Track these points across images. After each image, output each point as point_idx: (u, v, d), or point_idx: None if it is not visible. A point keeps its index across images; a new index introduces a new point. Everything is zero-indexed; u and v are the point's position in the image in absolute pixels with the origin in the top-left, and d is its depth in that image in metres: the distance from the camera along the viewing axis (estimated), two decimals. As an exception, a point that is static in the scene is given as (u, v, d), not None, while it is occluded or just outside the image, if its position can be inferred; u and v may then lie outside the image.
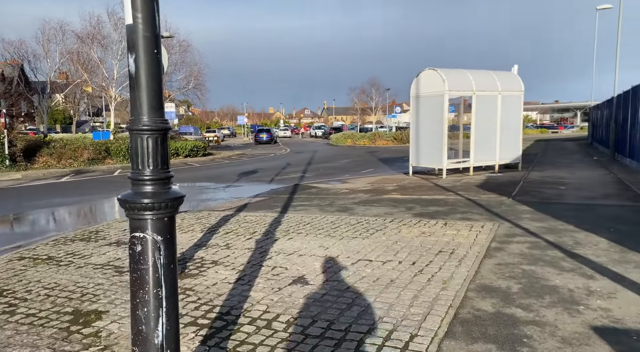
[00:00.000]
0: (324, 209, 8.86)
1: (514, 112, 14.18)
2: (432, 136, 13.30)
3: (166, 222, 2.27)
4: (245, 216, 8.54)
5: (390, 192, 10.65)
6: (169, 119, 18.21)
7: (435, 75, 13.07)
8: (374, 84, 52.65)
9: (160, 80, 2.28)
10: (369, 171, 17.36)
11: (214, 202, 11.10)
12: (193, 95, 28.15)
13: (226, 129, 66.58)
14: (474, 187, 11.03)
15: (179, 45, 26.05)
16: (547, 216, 7.32)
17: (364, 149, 33.73)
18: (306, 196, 10.89)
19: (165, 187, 2.29)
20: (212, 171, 18.98)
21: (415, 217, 7.66)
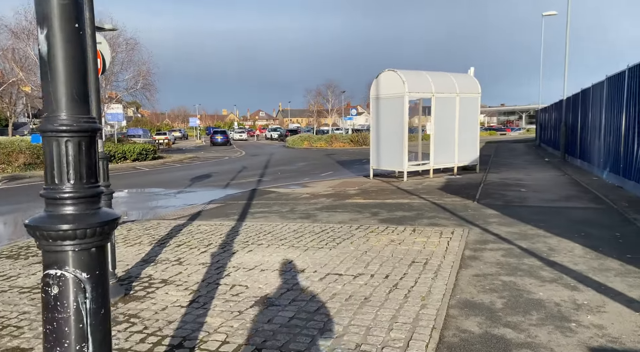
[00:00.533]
0: (285, 216, 8.34)
1: (471, 114, 14.24)
2: (393, 138, 13.09)
3: (94, 254, 1.69)
4: (199, 225, 7.88)
5: (353, 197, 10.28)
6: (116, 122, 16.99)
7: (395, 76, 12.88)
8: (330, 86, 52.65)
9: (85, 65, 1.70)
10: (328, 174, 16.98)
11: (164, 210, 10.31)
12: (142, 96, 26.77)
13: (177, 132, 64.45)
14: (437, 190, 10.86)
15: (125, 43, 24.67)
16: (514, 220, 7.16)
17: (321, 152, 33.41)
18: (265, 201, 10.32)
19: (92, 207, 1.71)
20: (163, 176, 17.96)
21: (383, 223, 7.29)
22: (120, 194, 12.87)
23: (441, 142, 13.49)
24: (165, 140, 45.45)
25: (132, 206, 11.01)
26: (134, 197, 12.61)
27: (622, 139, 10.00)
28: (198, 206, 10.40)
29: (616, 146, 10.57)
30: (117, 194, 12.72)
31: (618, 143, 10.38)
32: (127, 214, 9.82)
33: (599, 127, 12.60)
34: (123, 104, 66.98)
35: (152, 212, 10.04)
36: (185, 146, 46.94)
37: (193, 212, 9.41)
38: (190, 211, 9.63)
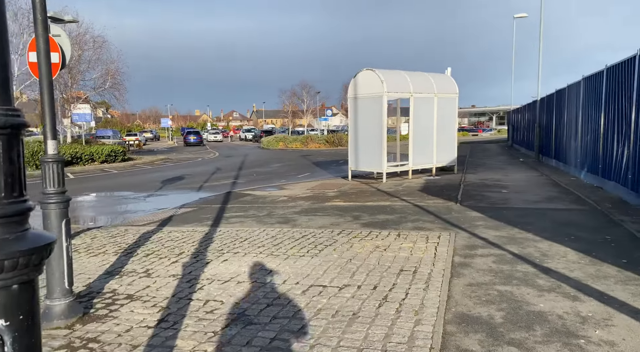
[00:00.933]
0: (263, 221, 7.92)
1: (449, 115, 14.11)
2: (371, 139, 12.81)
3: (16, 293, 1.26)
4: (169, 231, 7.38)
5: (332, 199, 9.93)
6: (84, 122, 16.08)
7: (373, 76, 12.61)
8: (305, 86, 52.22)
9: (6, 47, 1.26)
10: (305, 176, 16.59)
11: (132, 215, 9.72)
12: (110, 95, 25.72)
13: (149, 132, 62.92)
14: (417, 191, 10.62)
15: (92, 41, 23.66)
16: (500, 222, 6.94)
17: (296, 153, 32.99)
18: (241, 205, 9.86)
19: (14, 229, 1.27)
20: (132, 178, 17.21)
21: (365, 227, 6.96)
22: (86, 198, 12.17)
23: (420, 143, 13.30)
24: (136, 142, 44.19)
25: (99, 211, 10.36)
26: (100, 201, 11.92)
27: (600, 140, 9.99)
28: (169, 210, 9.85)
29: (594, 146, 10.56)
30: (83, 198, 12.01)
31: (596, 143, 10.37)
32: (93, 220, 9.20)
33: (576, 127, 12.64)
34: (92, 104, 65.05)
35: (120, 217, 9.44)
36: (156, 147, 45.74)
37: (164, 218, 8.87)
38: (160, 216, 9.09)
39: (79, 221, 9.10)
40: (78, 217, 9.67)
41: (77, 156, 20.70)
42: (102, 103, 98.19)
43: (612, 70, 9.30)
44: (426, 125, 13.44)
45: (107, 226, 8.32)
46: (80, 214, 10.09)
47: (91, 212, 10.35)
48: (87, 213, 10.21)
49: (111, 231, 7.59)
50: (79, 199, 11.92)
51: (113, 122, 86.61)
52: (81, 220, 9.26)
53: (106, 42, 23.80)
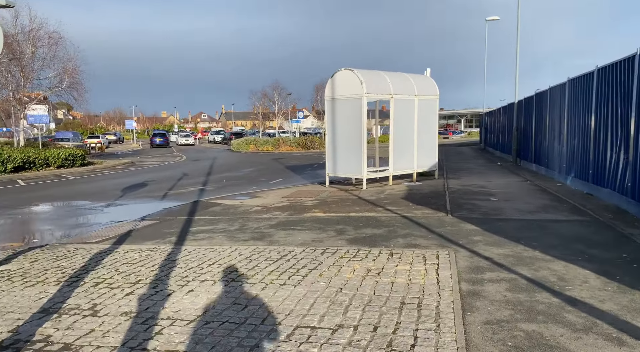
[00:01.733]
0: (234, 237, 7.01)
1: (430, 117, 13.54)
2: (350, 143, 12.07)
3: None
4: (126, 251, 6.38)
5: (311, 210, 9.10)
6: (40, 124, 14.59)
7: (352, 76, 11.87)
8: (277, 87, 51.23)
9: None
10: (279, 182, 15.70)
11: (86, 229, 8.62)
12: (68, 95, 24.03)
13: (112, 135, 60.34)
14: (401, 200, 9.93)
15: (47, 36, 22.01)
16: (501, 237, 6.28)
17: (268, 156, 32.01)
18: (209, 217, 8.91)
19: None
20: (90, 185, 15.89)
21: (352, 245, 6.17)
22: (34, 209, 10.90)
23: (400, 147, 12.65)
24: (98, 144, 42.13)
25: (46, 225, 9.18)
26: (50, 212, 10.70)
27: (591, 144, 9.56)
28: (128, 223, 8.80)
29: (583, 151, 10.15)
30: (30, 209, 10.75)
31: (586, 148, 9.95)
32: (38, 237, 8.04)
33: (560, 130, 12.27)
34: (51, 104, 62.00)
35: (70, 232, 8.33)
36: (120, 150, 43.76)
37: (121, 233, 7.84)
38: (117, 231, 8.04)
39: (18, 239, 7.93)
40: (20, 233, 8.48)
41: (30, 161, 19.12)
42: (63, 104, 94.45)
43: (604, 70, 8.87)
44: (407, 129, 12.81)
45: (54, 244, 7.23)
46: (23, 229, 8.90)
47: (37, 226, 9.17)
48: (32, 228, 9.02)
49: (57, 251, 6.52)
50: (25, 210, 10.66)
51: (75, 124, 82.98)
52: (24, 237, 8.09)
53: (62, 38, 22.21)
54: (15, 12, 20.84)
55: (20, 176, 17.79)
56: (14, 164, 18.19)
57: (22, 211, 10.56)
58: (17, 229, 8.85)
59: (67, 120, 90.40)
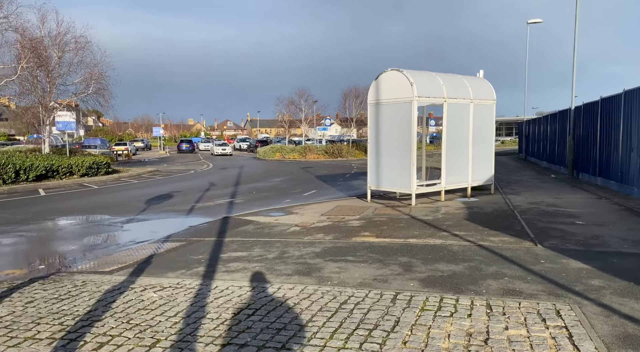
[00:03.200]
0: (274, 269, 5.71)
1: (486, 124, 12.03)
2: (397, 153, 10.68)
3: None
4: (144, 288, 5.15)
5: (359, 232, 7.73)
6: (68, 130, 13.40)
7: (400, 77, 10.50)
8: (303, 94, 50.18)
9: None
10: (312, 194, 14.40)
11: (101, 251, 7.47)
12: (94, 101, 23.38)
13: (140, 142, 60.47)
14: (465, 221, 8.46)
15: (74, 41, 21.43)
16: (630, 283, 4.77)
17: (296, 164, 30.82)
18: (242, 239, 7.64)
19: None
20: (113, 196, 14.92)
21: (429, 288, 4.77)
22: (49, 224, 9.87)
23: (453, 157, 11.18)
24: (125, 151, 41.78)
25: (57, 247, 8.08)
26: (65, 229, 9.64)
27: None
28: (150, 245, 7.62)
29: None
30: (43, 224, 9.71)
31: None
32: (44, 262, 6.91)
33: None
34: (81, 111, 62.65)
35: (83, 256, 7.18)
36: (147, 157, 43.37)
37: (140, 259, 6.65)
38: (136, 256, 6.86)
39: (23, 264, 6.81)
40: (27, 256, 7.37)
41: (53, 169, 18.37)
42: (93, 111, 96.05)
43: None
44: (461, 137, 11.34)
45: (61, 273, 6.07)
46: (31, 251, 7.80)
47: (47, 247, 8.07)
48: (41, 250, 7.92)
49: (61, 286, 5.34)
50: (39, 226, 9.63)
51: (104, 130, 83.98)
52: (27, 262, 6.97)
53: (89, 42, 21.58)
54: (42, 16, 20.35)
55: (42, 185, 17.01)
56: (37, 173, 17.45)
57: (35, 226, 9.54)
58: (25, 250, 7.77)
59: (97, 127, 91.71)
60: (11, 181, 16.53)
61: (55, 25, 20.73)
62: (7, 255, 7.40)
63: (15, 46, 19.18)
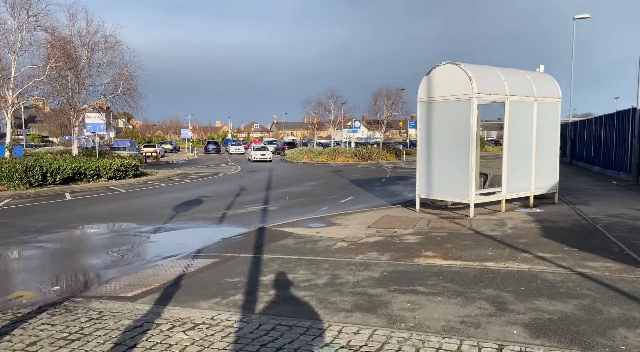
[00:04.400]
0: (328, 301, 4.64)
1: (550, 125, 10.70)
2: (452, 157, 9.49)
3: None
4: (171, 325, 4.16)
5: (420, 251, 6.58)
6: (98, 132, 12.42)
7: (457, 72, 9.31)
8: (332, 96, 49.13)
9: None
10: (350, 201, 13.31)
11: (124, 268, 6.57)
12: (123, 102, 22.91)
13: (168, 144, 60.58)
14: (542, 238, 7.20)
15: (104, 40, 20.99)
16: None
17: (325, 167, 29.80)
18: (282, 256, 6.61)
19: None
20: (141, 200, 14.18)
21: (542, 339, 3.61)
22: (70, 234, 9.07)
23: (515, 162, 9.90)
24: (154, 153, 41.58)
25: (76, 263, 7.22)
26: (87, 240, 8.83)
27: None
28: (179, 261, 6.69)
29: None
30: (64, 234, 8.90)
31: None
32: (59, 283, 6.01)
33: None
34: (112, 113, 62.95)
35: (103, 275, 6.28)
36: (175, 159, 43.13)
37: (168, 280, 5.69)
38: (163, 275, 5.92)
39: (35, 285, 5.93)
40: (40, 275, 6.49)
41: (81, 172, 17.84)
42: (124, 113, 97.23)
43: None
44: (523, 139, 10.06)
45: (76, 299, 5.15)
46: (46, 267, 6.95)
47: (64, 263, 7.22)
48: (57, 266, 7.07)
49: (74, 319, 4.41)
50: (60, 236, 8.84)
51: (134, 132, 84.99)
52: (40, 282, 6.09)
53: (119, 42, 21.09)
54: (71, 15, 19.97)
55: (69, 188, 16.47)
56: (64, 175, 16.93)
57: (56, 236, 8.76)
58: (40, 266, 6.94)
59: (127, 129, 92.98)
60: (38, 183, 16.03)
61: (85, 25, 20.32)
62: (20, 272, 6.58)
63: (45, 46, 18.81)
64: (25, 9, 17.18)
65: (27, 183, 15.67)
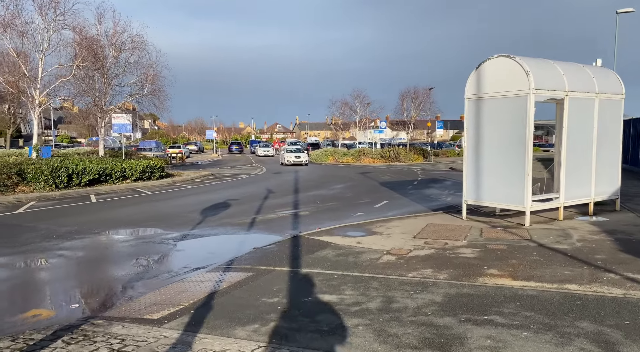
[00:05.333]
0: (388, 335, 3.88)
1: (612, 124, 9.69)
2: (504, 159, 8.61)
3: None
4: (205, 364, 3.48)
5: (482, 268, 5.76)
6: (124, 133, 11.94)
7: (512, 65, 8.42)
8: (358, 96, 48.22)
9: None
10: (384, 205, 12.52)
11: (150, 281, 5.96)
12: (149, 102, 22.62)
13: (193, 144, 60.70)
14: (623, 254, 6.28)
15: (130, 40, 20.71)
16: None
17: (351, 169, 29.00)
18: (323, 271, 5.89)
19: None
20: (166, 203, 13.69)
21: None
22: (93, 241, 8.54)
23: (573, 165, 8.94)
24: (179, 154, 41.50)
25: (96, 273, 6.65)
26: (111, 248, 8.30)
27: None
28: (209, 274, 6.04)
29: None
30: (88, 241, 8.35)
31: None
32: (78, 300, 5.42)
33: None
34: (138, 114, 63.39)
35: (126, 290, 5.68)
36: (200, 160, 43.01)
37: (198, 299, 5.04)
38: (193, 292, 5.28)
39: (53, 301, 5.34)
40: (59, 289, 5.92)
41: (107, 173, 17.53)
42: (150, 115, 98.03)
43: None
44: (583, 140, 9.09)
45: (97, 319, 4.54)
46: (65, 280, 6.38)
47: (86, 275, 6.65)
48: (77, 278, 6.50)
49: (92, 350, 3.77)
50: (83, 243, 8.32)
51: (159, 133, 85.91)
52: (58, 298, 5.50)
53: (145, 41, 20.78)
54: (99, 14, 19.73)
55: (95, 190, 16.14)
56: (89, 177, 16.63)
57: (79, 243, 8.25)
58: (59, 278, 6.39)
59: (153, 130, 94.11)
60: (64, 185, 15.74)
61: (112, 24, 20.06)
62: (39, 285, 6.04)
63: (72, 45, 18.59)
64: (52, 7, 16.98)
65: (52, 184, 15.39)
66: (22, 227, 9.66)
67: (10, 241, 8.34)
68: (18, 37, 16.95)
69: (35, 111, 18.12)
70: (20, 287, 5.93)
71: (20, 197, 13.96)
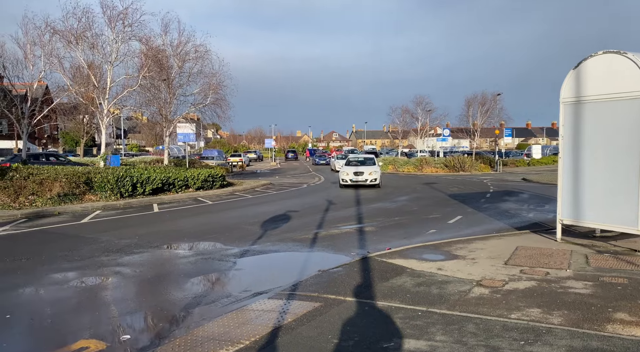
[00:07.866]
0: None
1: None
2: (612, 173, 7.28)
3: None
4: None
5: (604, 310, 4.62)
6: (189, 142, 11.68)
7: (623, 63, 7.13)
8: (420, 102, 46.64)
9: None
10: (459, 221, 11.37)
11: (208, 308, 5.35)
12: (212, 112, 22.77)
13: (253, 153, 61.68)
14: None
15: (194, 50, 20.93)
16: None
17: (413, 179, 27.70)
18: (403, 307, 4.99)
19: None
20: (226, 214, 13.34)
21: None
22: (149, 256, 8.14)
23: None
24: (239, 163, 42.04)
25: (151, 296, 6.13)
26: (168, 264, 7.85)
27: None
28: (271, 303, 5.33)
29: None
30: (146, 256, 7.94)
31: None
32: (129, 330, 4.88)
33: None
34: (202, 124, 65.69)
35: (180, 320, 5.09)
36: (259, 169, 43.33)
37: (260, 337, 4.34)
38: (253, 326, 4.58)
39: (103, 331, 4.82)
40: (111, 315, 5.41)
41: (169, 182, 17.62)
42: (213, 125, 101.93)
43: None
44: None
45: None
46: (118, 303, 5.90)
47: (140, 299, 6.17)
48: (130, 303, 6.02)
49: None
50: (140, 258, 7.94)
51: (221, 142, 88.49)
52: (110, 328, 4.98)
53: (208, 51, 20.92)
54: (165, 25, 20.12)
55: (157, 200, 16.19)
56: (153, 186, 16.75)
57: (137, 258, 7.89)
58: (114, 300, 5.94)
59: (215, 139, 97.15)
60: (128, 194, 15.91)
61: (177, 35, 20.37)
62: (90, 308, 5.59)
63: (138, 56, 19.03)
64: (121, 19, 17.41)
65: (118, 193, 15.58)
66: (85, 239, 9.53)
67: (70, 254, 8.14)
68: (89, 49, 17.53)
69: (104, 121, 18.64)
70: (72, 311, 5.53)
71: (87, 205, 14.17)
